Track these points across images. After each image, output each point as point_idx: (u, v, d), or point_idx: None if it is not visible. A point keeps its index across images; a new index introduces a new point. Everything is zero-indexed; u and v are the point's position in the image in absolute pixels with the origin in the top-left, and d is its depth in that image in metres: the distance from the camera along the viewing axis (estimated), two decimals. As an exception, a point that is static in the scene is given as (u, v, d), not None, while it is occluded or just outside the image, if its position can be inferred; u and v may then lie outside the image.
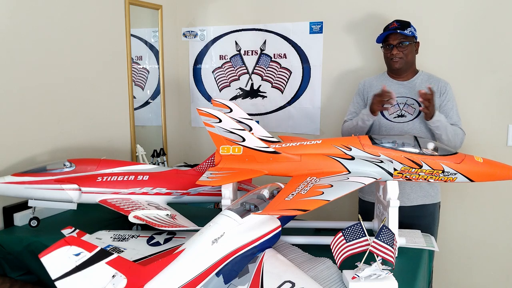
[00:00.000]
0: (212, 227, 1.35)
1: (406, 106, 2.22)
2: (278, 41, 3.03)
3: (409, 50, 2.20)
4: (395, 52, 2.18)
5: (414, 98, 2.21)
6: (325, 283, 1.40)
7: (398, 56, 2.19)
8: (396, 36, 2.18)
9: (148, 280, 1.15)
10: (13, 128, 2.16)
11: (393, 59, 2.21)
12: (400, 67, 2.23)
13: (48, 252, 1.03)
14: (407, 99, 2.23)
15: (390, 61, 2.24)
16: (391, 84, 2.28)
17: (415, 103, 2.20)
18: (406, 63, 2.22)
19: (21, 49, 2.18)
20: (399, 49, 2.18)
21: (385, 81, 2.31)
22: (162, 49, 3.17)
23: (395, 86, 2.27)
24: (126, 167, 2.08)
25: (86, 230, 1.64)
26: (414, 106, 2.20)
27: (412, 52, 2.23)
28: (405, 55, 2.20)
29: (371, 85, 2.35)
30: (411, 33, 2.17)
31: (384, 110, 2.15)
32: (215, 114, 1.63)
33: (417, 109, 2.18)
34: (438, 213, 2.32)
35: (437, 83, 2.21)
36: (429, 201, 2.25)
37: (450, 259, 2.71)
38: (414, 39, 2.22)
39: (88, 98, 2.58)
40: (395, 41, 2.18)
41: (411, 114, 2.19)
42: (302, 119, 3.05)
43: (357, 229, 1.42)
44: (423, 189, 2.23)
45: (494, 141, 2.51)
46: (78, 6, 2.48)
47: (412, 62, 2.26)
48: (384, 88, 2.06)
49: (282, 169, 1.68)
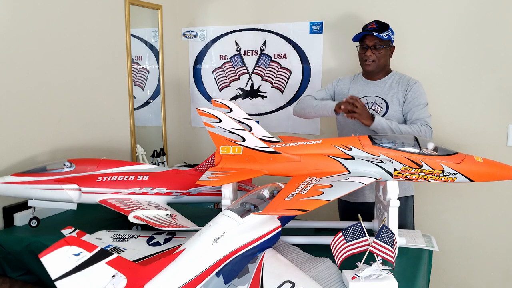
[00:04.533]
0: (212, 227, 1.35)
1: (375, 105, 2.24)
2: (278, 41, 3.03)
3: (382, 54, 2.21)
4: (369, 54, 2.20)
5: (382, 97, 2.23)
6: (325, 283, 1.40)
7: (371, 58, 2.21)
8: (372, 38, 2.19)
9: (148, 280, 1.15)
10: (13, 128, 2.16)
11: (366, 60, 2.23)
12: (372, 70, 2.25)
13: (48, 252, 1.03)
14: (376, 98, 2.25)
15: (363, 62, 2.26)
16: (363, 83, 2.32)
17: (383, 102, 2.22)
18: (378, 66, 2.24)
19: (21, 49, 2.18)
20: (373, 52, 2.20)
21: (359, 81, 2.35)
22: (162, 49, 3.17)
23: (367, 85, 2.31)
24: (126, 167, 2.08)
25: (86, 230, 1.64)
26: (382, 105, 2.22)
27: (385, 56, 2.24)
28: (378, 58, 2.21)
29: (345, 84, 2.38)
30: (388, 37, 2.18)
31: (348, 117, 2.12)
32: (215, 114, 1.63)
33: (384, 108, 2.20)
34: (410, 207, 2.31)
35: (406, 82, 2.22)
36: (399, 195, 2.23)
37: (450, 259, 2.71)
38: (389, 43, 2.23)
39: (88, 98, 2.58)
40: (370, 43, 2.20)
41: (378, 113, 2.21)
42: (302, 119, 3.04)
43: (357, 229, 1.42)
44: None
45: (494, 141, 2.51)
46: (78, 6, 2.48)
47: (384, 65, 2.27)
48: (349, 97, 2.09)
49: (282, 169, 1.68)
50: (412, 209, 2.35)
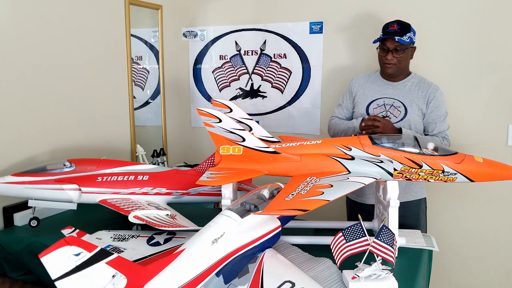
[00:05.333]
0: (212, 227, 1.35)
1: (392, 108, 2.20)
2: (278, 41, 3.03)
3: (403, 57, 2.16)
4: (390, 57, 2.15)
5: (401, 100, 2.19)
6: (325, 283, 1.40)
7: (392, 62, 2.16)
8: (393, 41, 2.14)
9: (148, 280, 1.15)
10: (13, 128, 2.16)
11: (386, 63, 2.18)
12: (392, 73, 2.21)
13: (48, 252, 1.03)
14: (394, 101, 2.21)
15: (384, 65, 2.21)
16: (381, 83, 2.28)
17: (402, 106, 2.18)
18: (399, 69, 2.20)
19: (21, 49, 2.18)
20: (394, 55, 2.15)
21: (376, 80, 2.30)
22: (162, 49, 3.17)
23: (384, 86, 2.26)
24: (126, 167, 2.08)
25: (86, 230, 1.64)
26: (400, 109, 2.18)
27: (406, 59, 2.19)
28: (399, 61, 2.16)
29: (360, 84, 2.34)
30: (409, 39, 2.13)
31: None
32: (215, 114, 1.63)
33: (403, 112, 2.17)
34: (422, 210, 2.30)
35: (427, 89, 2.19)
36: (412, 198, 2.24)
37: (450, 259, 2.71)
38: (411, 45, 2.18)
39: (88, 98, 2.58)
40: (391, 46, 2.14)
41: (395, 117, 2.18)
42: (302, 119, 3.05)
43: (357, 229, 1.42)
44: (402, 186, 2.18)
45: (494, 141, 2.51)
46: (78, 6, 2.48)
47: (405, 67, 2.23)
48: (366, 118, 2.08)
49: (282, 169, 1.68)
50: (425, 212, 2.32)
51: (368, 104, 2.26)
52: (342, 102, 2.41)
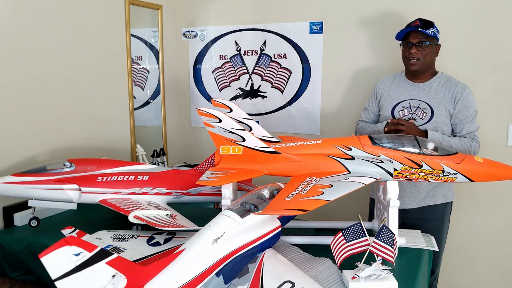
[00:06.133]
0: (212, 227, 1.35)
1: (418, 110, 2.15)
2: (278, 41, 3.03)
3: (428, 51, 2.11)
4: (414, 51, 2.10)
5: (427, 102, 2.14)
6: (325, 283, 1.40)
7: (416, 56, 2.11)
8: (417, 35, 2.10)
9: (148, 280, 1.15)
10: (13, 128, 2.16)
11: (410, 59, 2.13)
12: (417, 69, 2.15)
13: (48, 252, 1.03)
14: (420, 103, 2.16)
15: (408, 61, 2.16)
16: (406, 85, 2.24)
17: (428, 108, 2.13)
18: (424, 65, 2.14)
19: (21, 50, 2.18)
20: (418, 49, 2.10)
21: (401, 82, 2.26)
22: (162, 49, 3.17)
23: (410, 88, 2.22)
24: (126, 167, 2.08)
25: (86, 230, 1.64)
26: (427, 111, 2.13)
27: (431, 54, 2.14)
28: (423, 56, 2.11)
29: (385, 86, 2.31)
30: (433, 34, 2.09)
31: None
32: (215, 114, 1.63)
33: (429, 114, 2.12)
34: (447, 214, 2.27)
35: (454, 88, 2.13)
36: (440, 201, 2.21)
37: (451, 259, 2.71)
38: (435, 40, 2.14)
39: (88, 98, 2.58)
40: (415, 40, 2.10)
41: (422, 119, 2.13)
42: (302, 119, 3.05)
43: (357, 229, 1.42)
44: (424, 189, 2.20)
45: (494, 141, 2.51)
46: (78, 6, 2.48)
47: (430, 64, 2.17)
48: (390, 122, 2.04)
49: (282, 169, 1.68)
50: (449, 216, 2.30)
51: (394, 106, 2.22)
52: (368, 105, 2.38)
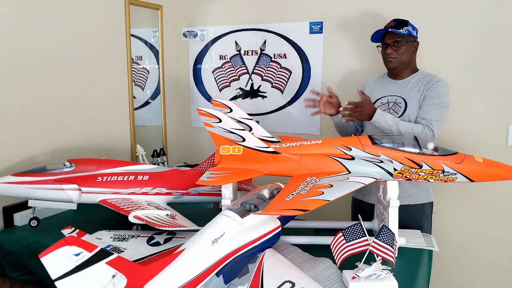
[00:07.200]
0: (212, 227, 1.35)
1: (394, 105, 2.21)
2: (278, 41, 3.03)
3: (404, 50, 2.18)
4: (389, 51, 2.18)
5: (403, 97, 2.20)
6: (325, 283, 1.40)
7: (392, 55, 2.18)
8: (391, 35, 2.17)
9: (148, 280, 1.15)
10: (13, 128, 2.16)
11: (387, 58, 2.21)
12: (394, 67, 2.22)
13: (48, 252, 1.03)
14: (397, 98, 2.22)
15: (385, 61, 2.25)
16: (386, 83, 2.31)
17: (403, 102, 2.19)
18: (401, 63, 2.20)
19: (21, 50, 2.18)
20: (394, 49, 2.18)
21: (383, 81, 2.34)
22: (162, 49, 3.17)
23: (389, 85, 2.28)
24: (126, 167, 2.08)
25: (86, 230, 1.64)
26: (401, 105, 2.19)
27: (407, 52, 2.20)
28: (400, 54, 2.18)
29: (369, 86, 2.38)
30: (407, 32, 2.15)
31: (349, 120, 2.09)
32: (215, 114, 1.63)
33: (403, 108, 2.18)
34: (426, 216, 2.25)
35: (429, 81, 2.17)
36: (414, 202, 2.20)
37: (450, 259, 2.71)
38: (411, 38, 2.19)
39: (88, 98, 2.58)
40: (389, 40, 2.18)
41: (396, 113, 2.19)
42: (302, 119, 3.05)
43: (357, 229, 1.42)
44: (405, 189, 2.18)
45: (494, 141, 2.51)
46: (78, 6, 2.48)
47: (408, 61, 2.23)
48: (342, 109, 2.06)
49: (282, 169, 1.68)
50: (429, 217, 2.28)
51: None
52: None
